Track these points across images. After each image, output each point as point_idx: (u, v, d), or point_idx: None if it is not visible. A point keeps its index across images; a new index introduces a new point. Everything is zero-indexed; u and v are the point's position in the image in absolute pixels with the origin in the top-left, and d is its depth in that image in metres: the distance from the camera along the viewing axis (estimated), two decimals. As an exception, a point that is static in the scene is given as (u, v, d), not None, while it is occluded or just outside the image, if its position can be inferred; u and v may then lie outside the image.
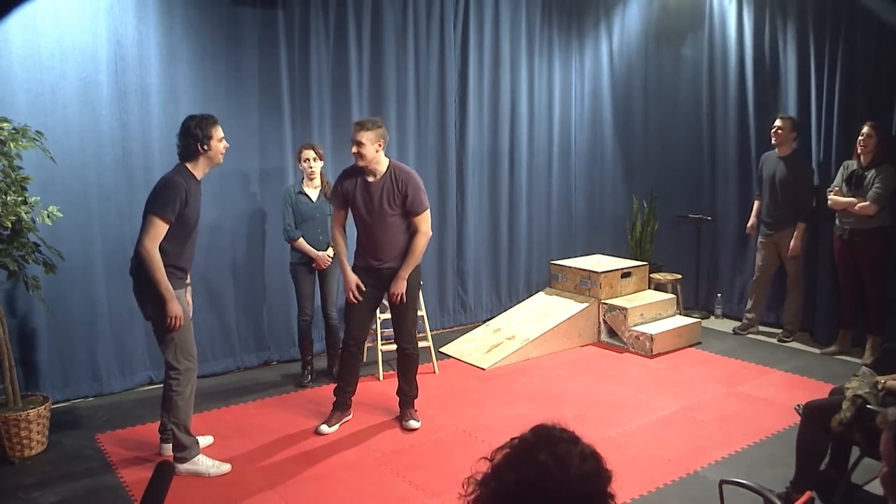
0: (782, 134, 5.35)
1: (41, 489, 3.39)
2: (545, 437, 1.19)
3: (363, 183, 3.89)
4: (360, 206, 3.90)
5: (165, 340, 3.42)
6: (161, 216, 3.27)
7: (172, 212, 3.29)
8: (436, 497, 3.32)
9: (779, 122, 5.37)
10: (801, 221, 5.36)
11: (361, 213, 3.92)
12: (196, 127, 3.36)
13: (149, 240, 3.26)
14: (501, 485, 1.15)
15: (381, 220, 3.89)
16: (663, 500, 3.28)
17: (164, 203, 3.28)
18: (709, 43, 6.21)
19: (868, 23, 5.02)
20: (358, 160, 3.83)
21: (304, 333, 4.81)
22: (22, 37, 4.05)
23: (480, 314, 6.28)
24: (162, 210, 3.27)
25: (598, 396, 4.56)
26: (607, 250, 6.66)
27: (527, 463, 1.16)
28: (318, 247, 4.65)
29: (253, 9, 4.85)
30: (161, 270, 3.27)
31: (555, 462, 1.14)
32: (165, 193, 3.29)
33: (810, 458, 2.98)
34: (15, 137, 3.56)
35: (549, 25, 6.57)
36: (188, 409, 3.51)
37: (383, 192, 3.87)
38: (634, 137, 6.87)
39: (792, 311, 5.60)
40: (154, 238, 3.27)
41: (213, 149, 3.42)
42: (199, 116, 3.41)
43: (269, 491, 3.37)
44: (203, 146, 3.38)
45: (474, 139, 6.10)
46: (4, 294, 4.06)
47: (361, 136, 3.78)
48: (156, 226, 3.27)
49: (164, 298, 3.29)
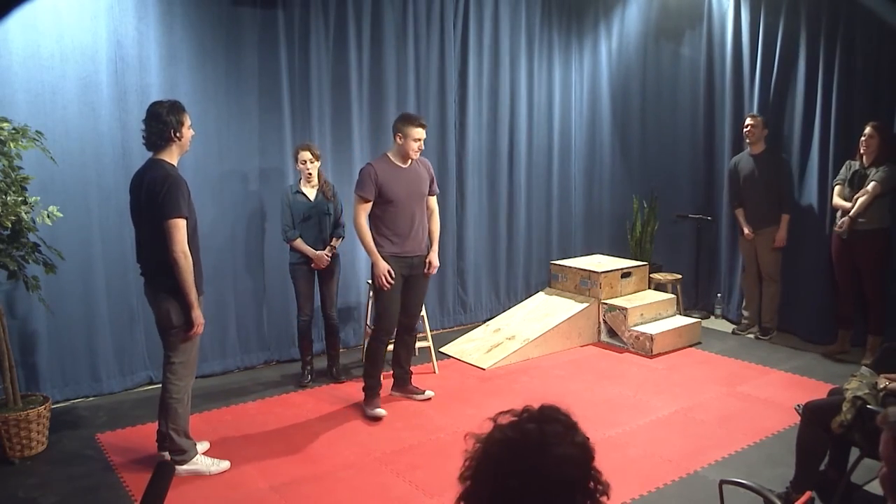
0: (755, 132, 5.46)
1: (41, 489, 3.39)
2: (545, 413, 1.25)
3: (397, 169, 4.13)
4: (399, 192, 4.10)
5: (178, 348, 3.39)
6: (180, 215, 3.24)
7: (186, 207, 3.27)
8: (436, 497, 3.32)
9: (750, 121, 5.50)
10: (785, 213, 5.45)
11: (400, 199, 4.11)
12: (168, 113, 3.30)
13: (179, 244, 3.22)
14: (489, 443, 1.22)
15: (417, 204, 4.19)
16: (663, 500, 3.28)
17: (177, 202, 3.23)
18: (707, 43, 6.21)
19: (868, 22, 5.02)
20: (417, 154, 4.18)
21: (303, 333, 4.81)
22: (22, 37, 4.05)
23: (480, 314, 6.28)
24: (178, 210, 3.23)
25: (598, 396, 4.57)
26: (607, 250, 6.66)
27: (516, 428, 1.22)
28: (317, 246, 4.64)
29: (253, 9, 4.85)
30: (192, 275, 3.26)
31: (539, 435, 1.19)
32: (172, 192, 3.23)
33: (810, 459, 2.98)
34: (15, 137, 3.55)
35: (549, 25, 6.57)
36: (186, 413, 3.51)
37: (418, 176, 4.20)
38: (634, 137, 6.88)
39: (770, 308, 5.62)
40: (183, 241, 3.24)
41: (184, 136, 3.38)
42: (168, 103, 3.36)
43: (269, 491, 3.37)
44: (176, 133, 3.33)
45: (474, 139, 6.10)
46: (4, 294, 4.06)
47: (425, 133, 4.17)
48: (180, 228, 3.24)
49: (190, 305, 3.28)
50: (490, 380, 4.88)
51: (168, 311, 3.33)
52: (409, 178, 4.16)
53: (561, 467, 1.17)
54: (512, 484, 1.16)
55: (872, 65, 5.09)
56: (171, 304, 3.33)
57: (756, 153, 5.53)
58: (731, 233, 6.14)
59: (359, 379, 4.88)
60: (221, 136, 4.81)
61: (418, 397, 4.48)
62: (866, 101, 5.13)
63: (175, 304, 3.32)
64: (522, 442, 1.19)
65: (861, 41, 5.12)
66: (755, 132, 5.47)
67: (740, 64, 5.96)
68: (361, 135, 5.48)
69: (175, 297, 3.30)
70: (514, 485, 1.16)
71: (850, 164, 5.03)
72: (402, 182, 4.13)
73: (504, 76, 6.23)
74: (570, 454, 1.19)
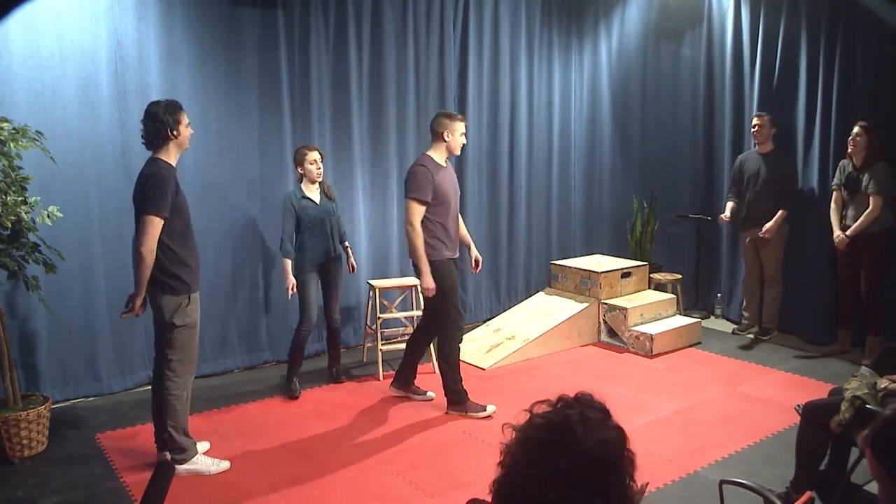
0: (763, 131, 5.42)
1: (41, 489, 3.39)
2: (582, 400, 1.34)
3: (443, 169, 4.12)
4: (449, 192, 4.11)
5: (175, 345, 3.40)
6: (157, 213, 3.26)
7: (167, 207, 3.28)
8: (436, 497, 3.32)
9: (757, 120, 5.47)
10: (783, 209, 5.38)
11: (450, 200, 4.12)
12: (165, 113, 3.33)
13: (150, 240, 3.25)
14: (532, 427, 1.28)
15: (456, 204, 4.21)
16: (663, 500, 3.28)
17: (157, 200, 3.26)
18: (707, 43, 6.21)
19: (868, 22, 5.02)
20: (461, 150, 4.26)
21: (302, 344, 4.59)
22: (22, 37, 4.05)
23: (480, 314, 6.28)
24: (156, 207, 3.26)
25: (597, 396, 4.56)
26: (607, 250, 6.66)
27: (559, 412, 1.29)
28: (328, 253, 4.55)
29: (253, 9, 4.85)
30: (149, 272, 3.28)
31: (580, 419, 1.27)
32: (155, 189, 3.26)
33: (810, 459, 2.98)
34: (15, 137, 3.55)
35: (549, 25, 6.57)
36: (186, 411, 3.51)
37: (453, 175, 4.25)
38: (634, 137, 6.88)
39: (771, 309, 5.62)
40: (153, 238, 3.26)
41: (182, 134, 3.40)
42: (164, 102, 3.38)
43: (269, 491, 3.37)
44: (173, 132, 3.35)
45: (474, 139, 6.09)
46: (4, 294, 4.06)
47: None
48: (154, 225, 3.26)
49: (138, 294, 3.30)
50: (490, 380, 4.88)
51: (160, 305, 3.36)
52: (451, 177, 4.21)
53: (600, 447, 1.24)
54: (562, 463, 1.21)
55: (873, 65, 5.09)
56: (165, 301, 3.35)
57: (765, 152, 5.49)
58: (732, 233, 6.14)
59: (359, 379, 4.90)
60: (221, 136, 4.81)
61: (418, 397, 4.47)
62: (866, 101, 5.13)
63: (168, 299, 3.34)
64: (567, 424, 1.25)
65: (861, 41, 5.12)
66: (763, 132, 5.42)
67: (740, 64, 5.95)
68: (361, 135, 5.48)
69: (167, 291, 3.33)
70: (565, 464, 1.21)
71: (843, 165, 5.03)
72: (449, 181, 4.14)
73: (504, 76, 6.23)
74: (611, 436, 1.28)
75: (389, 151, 5.64)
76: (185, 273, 3.39)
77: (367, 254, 5.59)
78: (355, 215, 5.49)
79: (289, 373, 4.59)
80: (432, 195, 4.00)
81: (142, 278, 3.29)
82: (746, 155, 5.70)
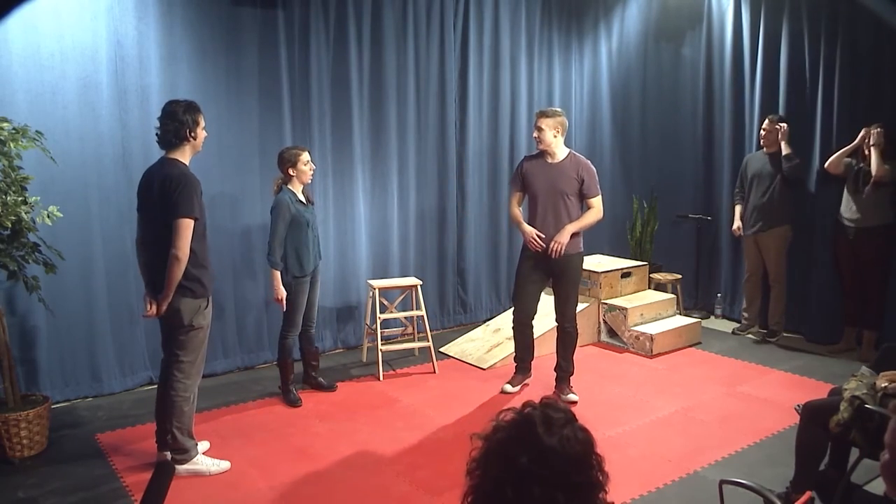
0: (771, 136, 5.41)
1: (41, 489, 3.39)
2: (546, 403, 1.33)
3: (544, 164, 4.34)
4: (539, 184, 4.31)
5: (187, 347, 3.37)
6: (192, 216, 3.23)
7: (197, 209, 3.26)
8: (436, 497, 3.32)
9: (766, 125, 5.45)
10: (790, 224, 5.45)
11: (539, 192, 4.31)
12: (185, 112, 3.30)
13: (185, 243, 3.22)
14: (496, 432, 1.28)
15: (555, 199, 4.29)
16: (663, 500, 3.28)
17: (190, 202, 3.22)
18: (707, 43, 6.21)
19: (868, 22, 5.02)
20: (538, 144, 4.34)
21: (290, 350, 4.46)
22: (22, 37, 4.05)
23: (480, 314, 6.27)
24: (191, 210, 3.23)
25: (598, 396, 4.57)
26: (607, 250, 6.66)
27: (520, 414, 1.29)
28: (317, 258, 4.49)
29: (253, 9, 4.85)
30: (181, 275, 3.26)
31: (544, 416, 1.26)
32: (186, 192, 3.22)
33: (810, 458, 2.98)
34: (15, 137, 3.55)
35: (549, 25, 6.57)
36: (191, 413, 3.51)
37: (562, 174, 4.31)
38: (634, 137, 6.88)
39: (776, 311, 5.61)
40: (188, 240, 3.23)
41: (198, 136, 3.39)
42: (184, 102, 3.35)
43: (269, 491, 3.37)
44: (191, 133, 3.34)
45: (474, 139, 6.10)
46: (4, 294, 4.06)
47: (542, 123, 4.30)
48: (188, 228, 3.23)
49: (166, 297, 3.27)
50: (490, 380, 4.88)
51: (179, 309, 3.32)
52: (552, 174, 4.31)
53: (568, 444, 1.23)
54: (522, 463, 1.20)
55: (874, 65, 5.09)
56: (185, 304, 3.32)
57: (771, 152, 5.47)
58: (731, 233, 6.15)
59: (359, 379, 4.90)
60: (221, 136, 4.80)
61: (562, 396, 4.42)
62: (868, 101, 5.13)
63: (187, 302, 3.32)
64: (528, 424, 1.25)
65: (862, 41, 5.12)
66: (770, 136, 5.41)
67: (740, 64, 5.96)
68: (361, 135, 5.48)
69: (186, 294, 3.30)
70: (524, 463, 1.20)
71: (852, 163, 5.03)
72: (542, 177, 4.32)
73: (504, 76, 6.23)
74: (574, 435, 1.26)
75: (390, 151, 5.64)
76: (204, 275, 3.38)
77: (367, 254, 5.59)
78: (355, 215, 5.48)
79: (283, 383, 4.48)
80: (521, 185, 4.45)
81: (174, 281, 3.25)
82: (752, 154, 5.68)
